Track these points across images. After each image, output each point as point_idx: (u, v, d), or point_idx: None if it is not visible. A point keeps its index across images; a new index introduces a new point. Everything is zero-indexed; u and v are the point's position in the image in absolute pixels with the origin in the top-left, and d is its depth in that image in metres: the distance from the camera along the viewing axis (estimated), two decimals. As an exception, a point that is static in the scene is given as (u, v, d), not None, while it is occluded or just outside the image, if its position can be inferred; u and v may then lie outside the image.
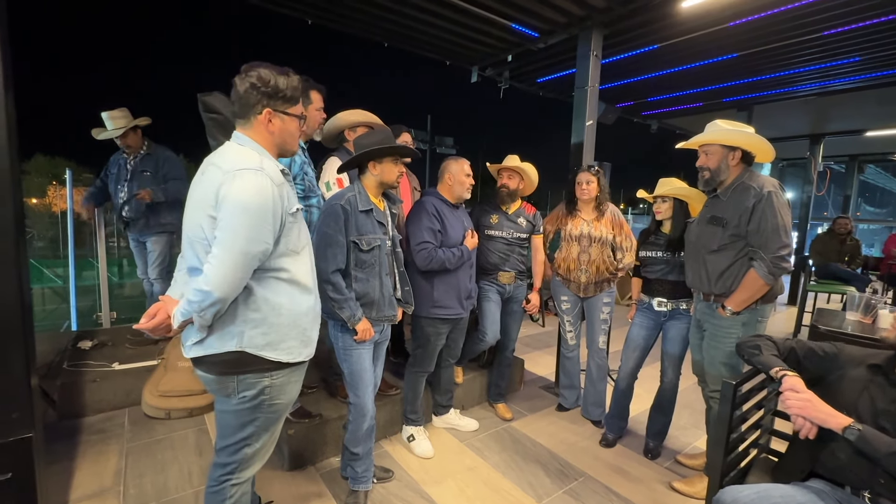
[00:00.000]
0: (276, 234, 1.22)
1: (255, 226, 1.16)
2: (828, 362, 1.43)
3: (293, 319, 1.30)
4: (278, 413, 1.38)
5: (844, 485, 1.28)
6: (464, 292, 2.33)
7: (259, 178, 1.17)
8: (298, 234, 1.33)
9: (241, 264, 1.15)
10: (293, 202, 1.31)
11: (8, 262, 1.37)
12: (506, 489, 2.15)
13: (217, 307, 1.17)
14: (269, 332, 1.26)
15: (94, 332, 3.40)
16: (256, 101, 1.25)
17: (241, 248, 1.14)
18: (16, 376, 1.41)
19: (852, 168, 8.97)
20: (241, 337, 1.23)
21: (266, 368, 1.28)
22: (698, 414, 2.89)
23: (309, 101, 2.07)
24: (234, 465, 1.36)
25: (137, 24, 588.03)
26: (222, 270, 1.13)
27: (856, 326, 2.62)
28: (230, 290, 1.16)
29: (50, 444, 2.24)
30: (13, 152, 1.37)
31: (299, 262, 1.33)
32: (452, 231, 2.27)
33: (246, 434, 1.34)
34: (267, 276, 1.25)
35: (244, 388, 1.28)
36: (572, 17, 3.38)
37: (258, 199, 1.16)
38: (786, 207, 1.81)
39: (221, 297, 1.15)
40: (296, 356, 1.33)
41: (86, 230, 4.45)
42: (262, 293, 1.24)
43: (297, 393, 1.44)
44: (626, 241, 2.69)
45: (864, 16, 3.29)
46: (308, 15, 3.53)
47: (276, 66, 1.28)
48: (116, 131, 3.00)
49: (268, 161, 1.25)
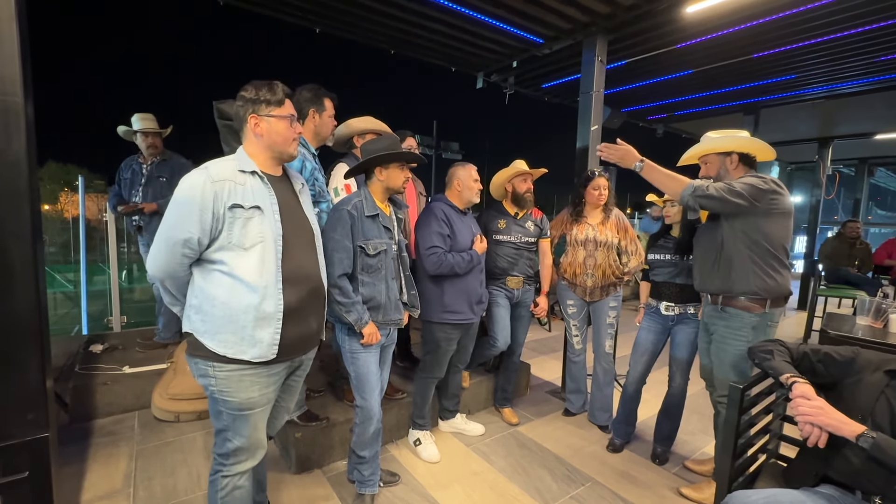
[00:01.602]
0: (208, 226, 1.28)
1: (179, 215, 1.27)
2: (845, 367, 1.41)
3: (228, 313, 1.31)
4: (238, 411, 1.37)
5: (855, 490, 1.27)
6: (474, 297, 2.34)
7: (194, 175, 1.30)
8: (245, 231, 1.31)
9: (164, 249, 1.29)
10: (241, 199, 1.31)
11: (27, 267, 1.40)
12: (512, 494, 2.14)
13: (156, 284, 1.37)
14: (206, 321, 1.32)
15: (105, 335, 3.45)
16: (245, 112, 1.37)
17: (164, 233, 1.29)
18: (32, 379, 1.44)
19: (862, 171, 8.86)
20: (189, 319, 1.36)
21: (209, 356, 1.33)
22: (707, 419, 2.86)
23: (322, 108, 2.10)
24: (223, 458, 1.43)
25: (149, 35, 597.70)
26: (153, 252, 1.32)
27: (866, 331, 2.59)
28: (158, 271, 1.32)
29: (62, 446, 2.28)
30: (32, 161, 1.41)
31: (245, 258, 1.31)
32: (461, 236, 2.29)
33: (221, 425, 1.40)
34: (207, 266, 1.33)
35: (199, 372, 1.37)
36: (577, 23, 3.40)
37: (186, 192, 1.28)
38: (772, 190, 1.82)
39: (152, 276, 1.34)
40: (237, 353, 1.31)
41: (97, 236, 4.51)
42: (200, 282, 1.34)
43: (261, 399, 1.40)
44: (631, 245, 2.69)
45: (871, 19, 3.28)
46: (316, 24, 3.59)
47: (264, 81, 1.40)
48: (147, 126, 3.12)
49: (228, 162, 1.36)
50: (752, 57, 4.02)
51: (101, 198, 4.53)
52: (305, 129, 2.06)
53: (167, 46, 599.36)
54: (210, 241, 1.30)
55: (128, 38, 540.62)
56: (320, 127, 2.12)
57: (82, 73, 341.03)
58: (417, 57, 4.24)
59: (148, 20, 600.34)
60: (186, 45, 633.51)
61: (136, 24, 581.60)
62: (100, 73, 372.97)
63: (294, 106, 1.45)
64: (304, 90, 2.07)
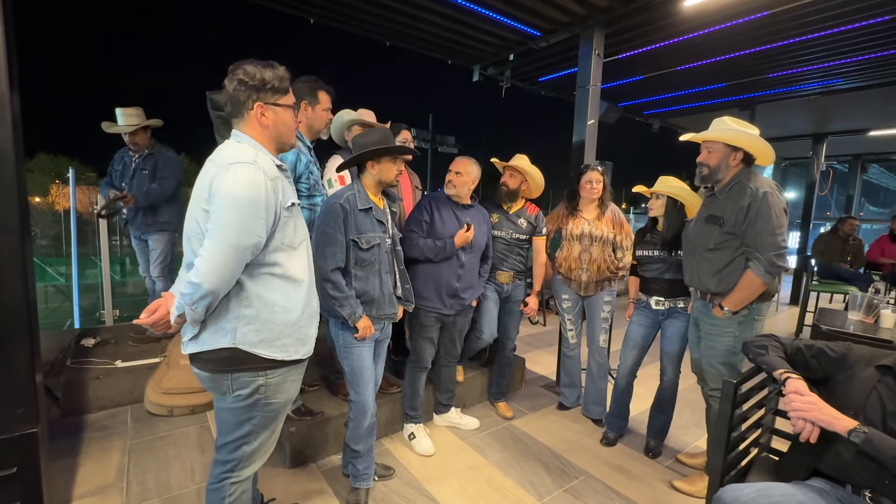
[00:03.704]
0: (270, 228, 1.20)
1: (247, 218, 1.14)
2: (837, 362, 1.42)
3: (287, 317, 1.27)
4: (276, 412, 1.37)
5: (845, 483, 1.29)
6: (445, 289, 2.31)
7: (252, 171, 1.16)
8: (294, 229, 1.30)
9: (232, 257, 1.14)
10: (289, 197, 1.29)
11: (14, 260, 1.38)
12: (507, 487, 2.16)
13: (208, 300, 1.16)
14: (263, 329, 1.24)
15: (97, 329, 3.42)
16: (246, 98, 1.25)
17: (231, 240, 1.13)
18: (20, 373, 1.42)
19: (855, 167, 8.92)
20: (233, 333, 1.22)
21: (260, 367, 1.26)
22: (699, 413, 2.89)
23: (317, 101, 2.08)
24: (233, 463, 1.36)
25: (143, 23, 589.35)
26: (212, 263, 1.13)
27: (858, 326, 2.61)
28: (220, 283, 1.15)
29: (53, 440, 2.26)
30: (18, 152, 1.39)
31: (295, 257, 1.30)
32: (441, 225, 2.28)
33: (244, 432, 1.33)
34: (260, 271, 1.23)
35: (238, 386, 1.26)
36: (574, 16, 3.38)
37: (250, 191, 1.15)
38: (781, 208, 1.81)
39: (211, 290, 1.14)
40: (291, 354, 1.31)
41: (88, 229, 4.46)
42: (254, 289, 1.23)
43: (296, 392, 1.42)
44: (626, 240, 2.69)
45: (867, 15, 3.28)
46: (310, 14, 3.54)
47: (261, 61, 1.27)
48: (128, 127, 3.02)
49: (262, 155, 1.24)
50: (749, 52, 4.02)
51: (93, 190, 4.47)
52: (297, 121, 2.04)
53: (160, 34, 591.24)
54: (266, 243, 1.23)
55: (119, 27, 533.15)
56: (313, 120, 2.10)
57: (72, 62, 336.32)
58: (413, 49, 4.20)
59: (140, 8, 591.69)
60: (179, 32, 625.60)
61: (128, 12, 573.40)
62: (90, 62, 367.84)
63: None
64: (300, 81, 2.04)
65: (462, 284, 2.35)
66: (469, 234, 2.27)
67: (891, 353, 1.36)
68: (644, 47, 3.99)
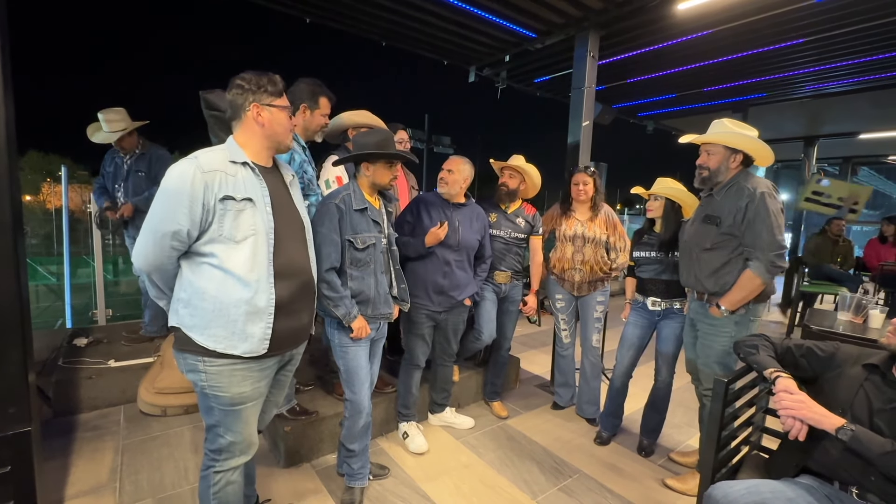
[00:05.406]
0: (199, 219, 1.24)
1: (169, 207, 1.23)
2: (826, 361, 1.45)
3: (218, 307, 1.28)
4: (231, 407, 1.35)
5: (833, 480, 1.31)
6: (432, 286, 2.32)
7: (183, 165, 1.26)
8: (236, 223, 1.29)
9: (152, 241, 1.26)
10: (237, 191, 1.29)
11: (6, 259, 1.37)
12: (501, 486, 2.17)
13: (143, 278, 1.33)
14: (195, 315, 1.29)
15: (90, 329, 3.39)
16: (244, 100, 1.34)
17: (152, 225, 1.25)
18: (13, 372, 1.42)
19: (846, 170, 9.04)
20: (176, 313, 1.33)
21: (198, 352, 1.30)
22: (692, 412, 2.92)
23: (317, 105, 2.08)
24: (215, 453, 1.41)
25: (134, 22, 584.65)
26: (139, 245, 1.28)
27: (847, 326, 2.65)
28: (145, 263, 1.29)
29: (46, 440, 2.24)
30: (12, 151, 1.38)
31: (236, 251, 1.29)
32: (429, 224, 2.29)
33: (212, 421, 1.38)
34: (197, 259, 1.30)
35: (187, 368, 1.34)
36: (569, 18, 3.40)
37: (176, 182, 1.24)
38: (779, 208, 1.83)
39: (139, 268, 1.30)
40: (227, 348, 1.29)
41: (80, 227, 4.42)
42: (188, 275, 1.31)
43: (253, 394, 1.38)
44: (619, 242, 2.71)
45: (858, 19, 3.33)
46: (306, 13, 3.54)
47: (260, 71, 1.38)
48: (112, 135, 2.92)
49: (218, 153, 1.31)
50: (742, 55, 4.07)
51: (85, 188, 4.43)
52: (294, 122, 2.04)
53: (154, 33, 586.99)
54: (200, 234, 1.26)
55: (113, 26, 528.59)
56: (309, 123, 2.10)
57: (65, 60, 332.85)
58: (409, 49, 4.21)
59: (133, 7, 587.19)
60: (173, 31, 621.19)
61: (122, 12, 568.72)
62: (83, 61, 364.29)
63: (287, 98, 1.44)
64: (303, 83, 2.03)
65: (449, 282, 2.34)
66: (441, 232, 2.24)
67: (877, 351, 1.39)
68: (638, 50, 4.02)
